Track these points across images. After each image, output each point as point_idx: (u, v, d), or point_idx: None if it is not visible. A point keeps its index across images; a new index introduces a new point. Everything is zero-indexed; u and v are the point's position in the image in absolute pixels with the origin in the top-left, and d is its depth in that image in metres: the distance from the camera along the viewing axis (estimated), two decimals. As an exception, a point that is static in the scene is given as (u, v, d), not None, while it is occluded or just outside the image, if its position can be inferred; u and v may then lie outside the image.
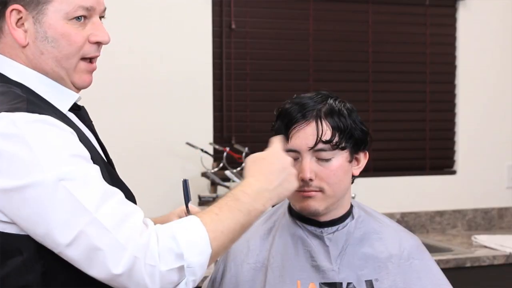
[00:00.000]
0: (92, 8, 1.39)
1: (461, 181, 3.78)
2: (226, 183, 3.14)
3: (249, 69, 3.47)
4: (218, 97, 3.41)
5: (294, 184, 1.45)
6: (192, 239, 1.27)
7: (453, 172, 3.80)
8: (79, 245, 1.23)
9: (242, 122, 3.45)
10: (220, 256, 1.37)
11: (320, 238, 1.64)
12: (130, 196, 1.41)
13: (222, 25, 3.41)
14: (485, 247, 3.27)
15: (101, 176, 1.30)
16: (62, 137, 1.29)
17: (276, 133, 1.60)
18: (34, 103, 1.32)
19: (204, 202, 3.10)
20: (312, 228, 1.65)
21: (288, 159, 1.46)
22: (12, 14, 1.36)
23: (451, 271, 2.95)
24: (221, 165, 3.18)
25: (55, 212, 1.23)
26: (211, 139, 3.33)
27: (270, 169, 1.41)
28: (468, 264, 3.08)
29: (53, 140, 1.27)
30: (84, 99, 1.51)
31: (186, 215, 1.60)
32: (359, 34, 3.64)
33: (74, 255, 1.24)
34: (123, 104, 3.21)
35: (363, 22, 3.64)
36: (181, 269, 1.26)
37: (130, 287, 1.25)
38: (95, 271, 1.25)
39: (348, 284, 1.59)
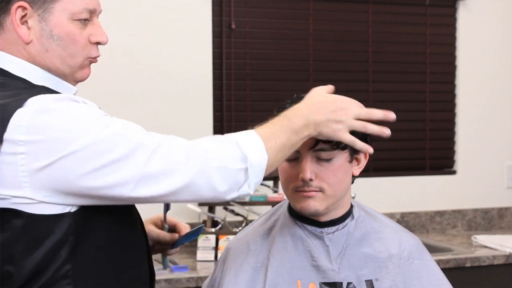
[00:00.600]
0: (94, 10, 1.45)
1: (461, 181, 3.78)
2: (226, 183, 3.14)
3: (249, 69, 3.47)
4: (218, 97, 3.42)
5: (340, 132, 1.48)
6: (252, 144, 1.37)
7: (453, 172, 3.80)
8: (146, 176, 1.30)
9: (242, 122, 3.45)
10: (274, 167, 1.44)
11: (320, 238, 1.64)
12: None
13: (222, 25, 3.41)
14: (485, 247, 3.28)
15: None
16: (89, 105, 1.36)
17: None
18: (51, 91, 1.38)
19: (204, 202, 3.10)
20: (312, 228, 1.65)
21: (351, 110, 1.51)
22: (17, 10, 1.38)
23: (451, 271, 2.96)
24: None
25: (119, 154, 1.29)
26: (211, 139, 3.32)
27: (325, 105, 1.49)
28: (468, 264, 3.08)
29: (86, 109, 1.34)
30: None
31: (162, 223, 1.68)
32: (359, 34, 3.64)
33: (144, 190, 1.31)
34: (123, 103, 3.21)
35: (363, 22, 3.65)
36: (246, 170, 1.36)
37: (202, 192, 1.34)
38: (171, 184, 1.32)
39: (348, 284, 1.59)
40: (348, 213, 1.68)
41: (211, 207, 3.18)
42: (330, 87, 1.59)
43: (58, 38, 1.41)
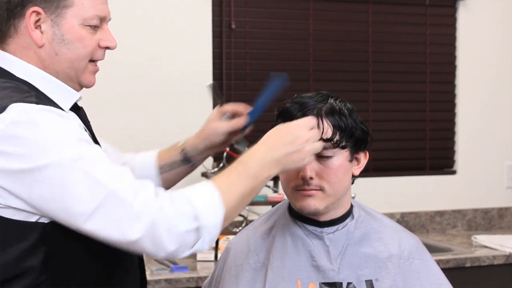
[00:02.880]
0: (104, 18, 1.50)
1: (461, 181, 3.78)
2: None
3: (249, 69, 3.47)
4: (218, 97, 3.41)
5: (305, 161, 1.47)
6: (206, 200, 1.35)
7: (453, 172, 3.80)
8: (97, 218, 1.30)
9: (242, 122, 3.44)
10: (233, 218, 1.43)
11: (320, 238, 1.64)
12: None
13: (222, 25, 3.41)
14: (485, 247, 3.28)
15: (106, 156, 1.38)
16: (70, 124, 1.37)
17: None
18: (41, 98, 1.40)
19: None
20: (312, 228, 1.65)
21: (306, 135, 1.47)
22: (31, 15, 1.42)
23: (451, 271, 2.96)
24: (221, 165, 3.17)
25: (73, 190, 1.30)
26: (211, 139, 3.32)
27: (280, 139, 1.46)
28: (468, 264, 3.08)
29: (62, 126, 1.35)
30: (85, 99, 1.56)
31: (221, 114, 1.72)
32: (359, 34, 3.64)
33: (92, 228, 1.31)
34: (123, 104, 3.21)
35: (363, 22, 3.65)
36: (197, 229, 1.34)
37: (149, 250, 1.33)
38: (114, 239, 1.31)
39: (348, 284, 1.59)
40: (348, 213, 1.68)
41: (211, 207, 3.18)
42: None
43: (68, 42, 1.45)
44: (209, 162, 3.22)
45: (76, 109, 1.51)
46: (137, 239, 1.30)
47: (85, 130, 1.48)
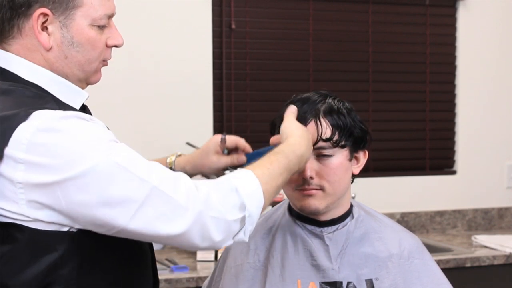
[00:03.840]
0: (112, 15, 1.44)
1: (461, 181, 3.78)
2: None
3: (249, 69, 3.47)
4: (218, 97, 3.42)
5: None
6: (250, 191, 1.34)
7: (453, 172, 3.80)
8: (143, 215, 1.27)
9: (242, 122, 3.45)
10: (264, 210, 1.43)
11: (320, 237, 1.64)
12: None
13: (222, 25, 3.41)
14: (485, 247, 3.28)
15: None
16: (97, 127, 1.33)
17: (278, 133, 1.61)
18: (59, 102, 1.36)
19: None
20: (312, 228, 1.65)
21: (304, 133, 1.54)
22: (39, 17, 1.36)
23: (451, 271, 2.96)
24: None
25: (116, 191, 1.26)
26: (211, 139, 3.32)
27: (308, 139, 1.52)
28: (468, 264, 3.08)
29: (91, 130, 1.30)
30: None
31: (222, 148, 1.69)
32: (359, 34, 3.64)
33: (138, 226, 1.27)
34: (123, 104, 3.21)
35: (363, 22, 3.65)
36: (243, 219, 1.33)
37: (196, 241, 1.31)
38: (162, 234, 1.29)
39: (348, 283, 1.59)
40: (348, 213, 1.68)
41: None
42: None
43: (78, 45, 1.39)
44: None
45: (81, 108, 1.47)
46: (185, 231, 1.28)
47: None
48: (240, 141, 1.71)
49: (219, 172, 1.71)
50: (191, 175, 1.73)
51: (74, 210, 1.27)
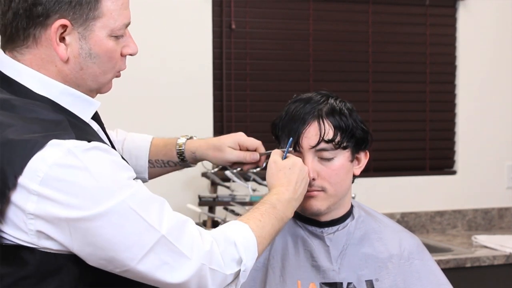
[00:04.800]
0: (129, 23, 1.44)
1: (461, 181, 3.78)
2: (226, 183, 3.14)
3: (249, 69, 3.47)
4: (218, 97, 3.41)
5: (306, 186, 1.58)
6: (247, 245, 1.37)
7: (453, 172, 3.80)
8: (147, 262, 1.27)
9: (242, 122, 3.44)
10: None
11: (321, 238, 1.64)
12: None
13: (222, 25, 3.41)
14: (485, 247, 3.27)
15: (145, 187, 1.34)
16: (116, 162, 1.30)
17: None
18: (76, 126, 1.31)
19: (204, 202, 3.10)
20: (312, 228, 1.65)
21: (305, 168, 1.57)
22: (58, 28, 1.31)
23: (451, 271, 2.96)
24: (220, 166, 3.17)
25: (126, 236, 1.26)
26: (211, 139, 3.32)
27: (295, 179, 1.53)
28: (468, 264, 3.08)
29: (110, 167, 1.28)
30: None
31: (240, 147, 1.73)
32: (359, 34, 3.64)
33: (141, 271, 1.28)
34: (123, 104, 3.21)
35: (363, 22, 3.64)
36: (237, 272, 1.37)
37: None
38: (163, 281, 1.30)
39: (349, 284, 1.59)
40: (349, 213, 1.68)
41: (211, 207, 3.18)
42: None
43: (95, 56, 1.35)
44: (209, 162, 3.21)
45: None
46: (185, 282, 1.30)
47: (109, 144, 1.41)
48: (256, 143, 1.75)
49: (228, 163, 1.77)
50: (198, 161, 1.82)
51: (81, 249, 1.26)
